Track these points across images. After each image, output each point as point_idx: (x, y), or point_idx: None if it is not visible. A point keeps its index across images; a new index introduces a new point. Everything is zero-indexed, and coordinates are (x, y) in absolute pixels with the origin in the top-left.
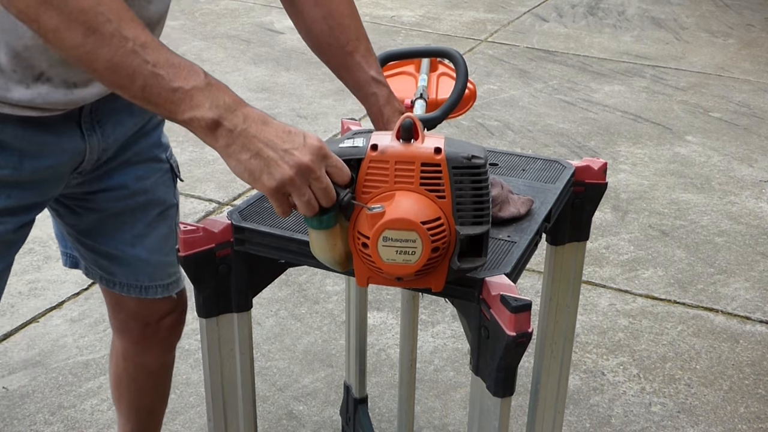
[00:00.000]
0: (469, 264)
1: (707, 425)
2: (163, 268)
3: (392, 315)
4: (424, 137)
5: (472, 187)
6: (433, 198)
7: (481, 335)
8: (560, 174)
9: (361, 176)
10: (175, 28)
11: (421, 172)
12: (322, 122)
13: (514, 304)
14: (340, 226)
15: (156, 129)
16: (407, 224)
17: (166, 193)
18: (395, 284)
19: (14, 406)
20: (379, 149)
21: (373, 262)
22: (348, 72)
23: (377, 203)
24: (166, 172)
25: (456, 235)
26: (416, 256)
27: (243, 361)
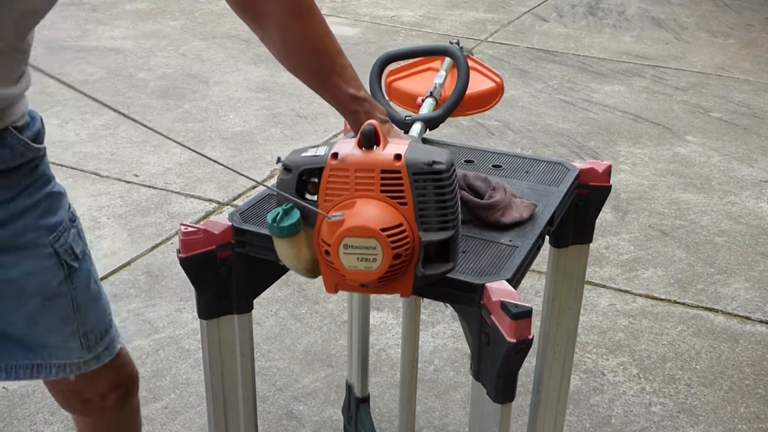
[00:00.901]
0: (434, 270)
1: (707, 425)
2: (57, 350)
3: (392, 315)
4: (387, 144)
5: (435, 192)
6: (395, 204)
7: (482, 341)
8: (564, 176)
9: (323, 185)
10: (175, 28)
11: (381, 179)
12: (322, 122)
13: (515, 311)
14: (305, 234)
15: (30, 210)
16: (366, 231)
17: (44, 282)
18: (361, 290)
19: (14, 406)
20: (339, 157)
21: (336, 269)
22: (327, 94)
23: (339, 211)
24: (47, 258)
25: (419, 241)
26: (377, 263)
27: (243, 362)
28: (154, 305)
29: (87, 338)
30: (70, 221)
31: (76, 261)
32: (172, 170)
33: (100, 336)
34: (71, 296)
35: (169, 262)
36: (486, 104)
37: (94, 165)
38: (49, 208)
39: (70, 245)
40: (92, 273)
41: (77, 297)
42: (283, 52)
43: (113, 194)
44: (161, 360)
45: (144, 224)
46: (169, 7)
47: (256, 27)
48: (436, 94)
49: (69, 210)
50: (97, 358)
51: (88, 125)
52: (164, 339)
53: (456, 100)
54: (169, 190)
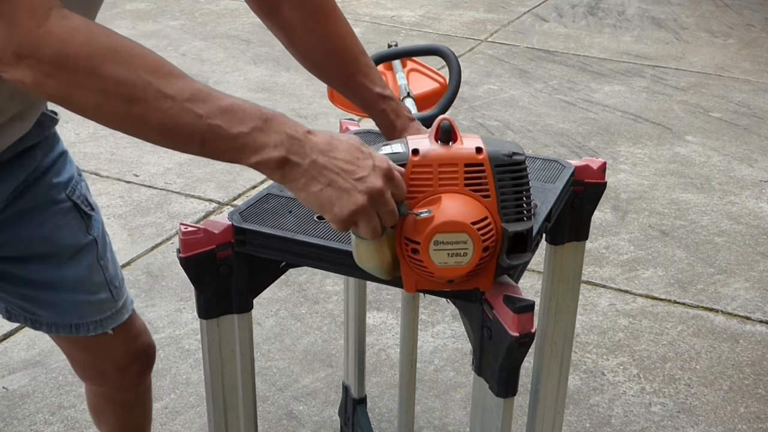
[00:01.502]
0: (517, 260)
1: (707, 425)
2: (91, 305)
3: (392, 315)
4: (462, 138)
5: (514, 183)
6: (479, 198)
7: (484, 336)
8: (560, 173)
9: (405, 181)
10: (175, 28)
11: (465, 173)
12: (322, 122)
13: (518, 305)
14: (386, 234)
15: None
16: (458, 226)
17: (71, 235)
18: (445, 287)
19: (14, 406)
20: (420, 153)
21: (425, 267)
22: (352, 93)
23: (423, 208)
24: (68, 212)
25: (503, 232)
26: (468, 257)
27: (243, 361)
28: (154, 305)
29: (114, 285)
30: (79, 174)
31: (93, 210)
32: (172, 170)
33: (121, 283)
34: (95, 244)
35: (169, 262)
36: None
37: (94, 165)
38: (63, 164)
39: (84, 196)
40: (103, 224)
41: (99, 245)
42: (308, 55)
43: (113, 194)
44: (161, 360)
45: (144, 224)
46: (169, 7)
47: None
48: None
49: (75, 164)
50: (125, 305)
51: (88, 125)
52: (164, 339)
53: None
54: (169, 190)
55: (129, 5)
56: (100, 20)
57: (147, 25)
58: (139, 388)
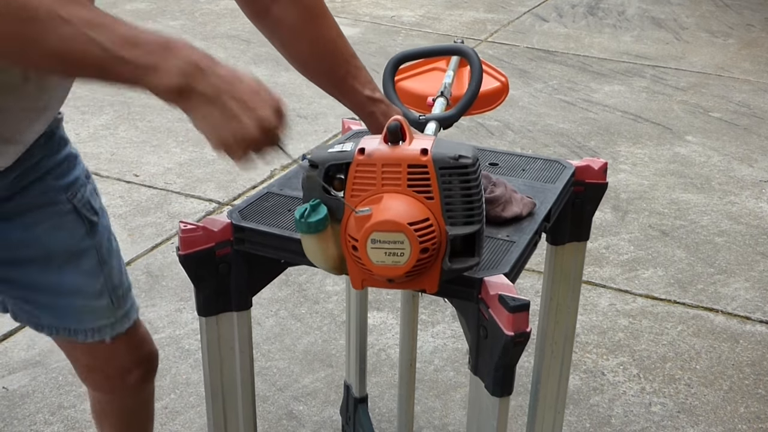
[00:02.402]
0: (460, 264)
1: (707, 425)
2: (90, 312)
3: (392, 315)
4: (413, 139)
5: (462, 187)
6: (422, 199)
7: (480, 335)
8: (560, 174)
9: (349, 180)
10: (175, 28)
11: (408, 174)
12: (322, 122)
13: (513, 304)
14: (332, 230)
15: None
16: (394, 226)
17: (68, 239)
18: (388, 286)
19: (14, 406)
20: (366, 153)
21: (363, 264)
22: (342, 96)
23: (366, 206)
24: (67, 215)
25: (446, 235)
26: (405, 257)
27: (243, 360)
28: (154, 305)
29: (116, 294)
30: (86, 177)
31: (96, 215)
32: (172, 170)
33: (125, 292)
34: (95, 250)
35: (169, 262)
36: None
37: (94, 165)
38: (67, 168)
39: (87, 200)
40: (111, 230)
41: (101, 251)
42: (298, 56)
43: (113, 194)
44: (161, 360)
45: (144, 224)
46: (169, 7)
47: (270, 33)
48: (447, 93)
49: (83, 168)
50: (127, 315)
51: (88, 125)
52: (164, 339)
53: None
54: (169, 190)
55: (129, 5)
56: None
57: (147, 25)
58: (141, 395)
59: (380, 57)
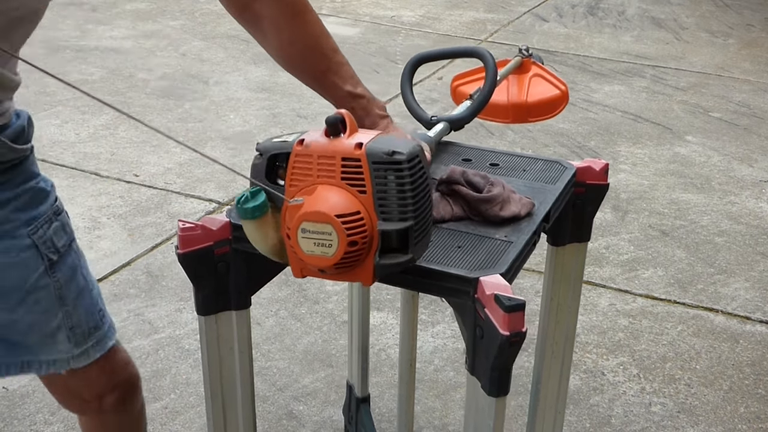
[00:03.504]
0: (390, 260)
1: (707, 425)
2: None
3: (392, 315)
4: (355, 132)
5: (396, 182)
6: (354, 192)
7: (476, 334)
8: (561, 174)
9: (289, 170)
10: (175, 28)
11: (342, 167)
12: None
13: (508, 304)
14: (273, 218)
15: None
16: (322, 217)
17: (22, 275)
18: (321, 276)
19: (14, 406)
20: (304, 143)
21: (295, 252)
22: (323, 91)
23: (301, 196)
24: (25, 250)
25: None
26: (333, 248)
27: (242, 359)
28: (154, 305)
29: (74, 332)
30: (54, 214)
31: (57, 254)
32: (172, 170)
33: (88, 331)
34: (54, 288)
35: (169, 262)
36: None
37: (94, 165)
38: (30, 201)
39: (50, 238)
40: (80, 267)
41: (61, 289)
42: (279, 52)
43: (113, 194)
44: (161, 360)
45: (144, 224)
46: (169, 7)
47: (252, 29)
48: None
49: (54, 204)
50: (85, 353)
51: (88, 125)
52: (164, 339)
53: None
54: (169, 190)
55: (129, 5)
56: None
57: (147, 25)
58: (125, 415)
59: (380, 57)
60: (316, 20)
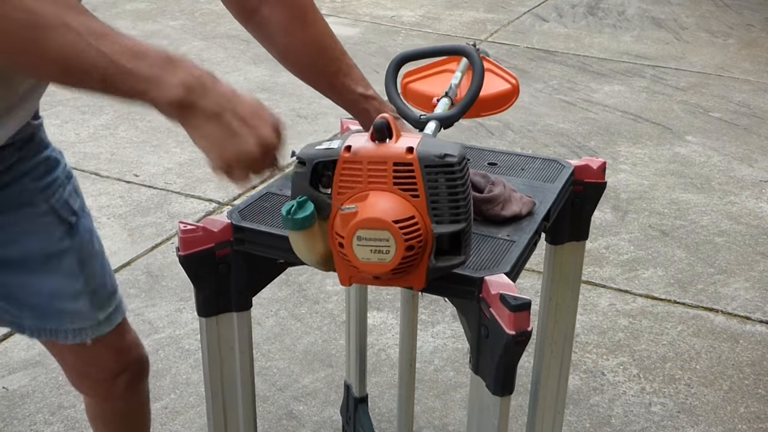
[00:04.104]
0: (446, 262)
1: (707, 425)
2: (69, 314)
3: (392, 315)
4: (400, 136)
5: (447, 185)
6: (407, 197)
7: (481, 334)
8: (559, 173)
9: (336, 177)
10: (176, 28)
11: (393, 172)
12: (322, 122)
13: (514, 303)
14: (320, 227)
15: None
16: (379, 223)
17: (44, 240)
18: (375, 283)
19: (14, 406)
20: (352, 150)
21: (349, 261)
22: (334, 94)
23: (352, 203)
24: (43, 216)
25: (432, 233)
26: (390, 255)
27: (243, 360)
28: (154, 305)
29: (97, 296)
30: (67, 178)
31: (74, 216)
32: (172, 170)
33: (108, 295)
34: (75, 251)
35: (169, 262)
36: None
37: (94, 165)
38: (46, 170)
39: (66, 200)
40: (94, 231)
41: (81, 253)
42: (289, 55)
43: (113, 194)
44: (161, 360)
45: (144, 224)
46: (169, 7)
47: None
48: (452, 94)
49: (66, 168)
50: (109, 318)
51: (88, 125)
52: (164, 339)
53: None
54: (169, 190)
55: (129, 5)
56: None
57: (147, 25)
58: (132, 400)
59: (380, 57)
60: (324, 22)
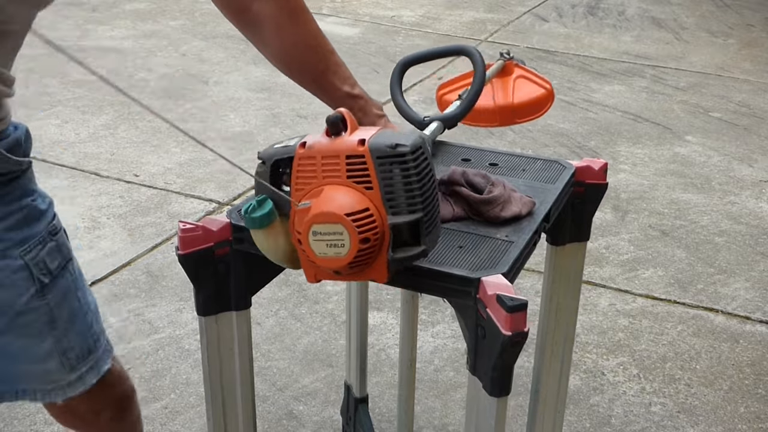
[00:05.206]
0: (404, 253)
1: (707, 425)
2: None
3: (392, 315)
4: (355, 130)
5: (402, 175)
6: (361, 189)
7: (478, 335)
8: (560, 174)
9: (293, 174)
10: (175, 28)
11: (346, 165)
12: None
13: (510, 304)
14: (282, 225)
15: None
16: (332, 217)
17: (13, 296)
18: (336, 278)
19: (14, 406)
20: (306, 146)
21: (308, 257)
22: (321, 92)
23: (308, 199)
24: (18, 271)
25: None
26: (346, 248)
27: (242, 359)
28: (154, 305)
29: (67, 357)
30: (50, 234)
31: (49, 276)
32: (172, 170)
33: (82, 355)
34: (46, 311)
35: (169, 262)
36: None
37: (94, 165)
38: (25, 220)
39: (43, 260)
40: (75, 288)
41: (53, 312)
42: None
43: (113, 194)
44: (161, 360)
45: (144, 224)
46: (169, 7)
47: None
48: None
49: (51, 223)
50: (81, 378)
51: (88, 125)
52: (164, 339)
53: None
54: (169, 190)
55: (129, 5)
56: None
57: (147, 25)
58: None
59: (380, 57)
60: (314, 20)
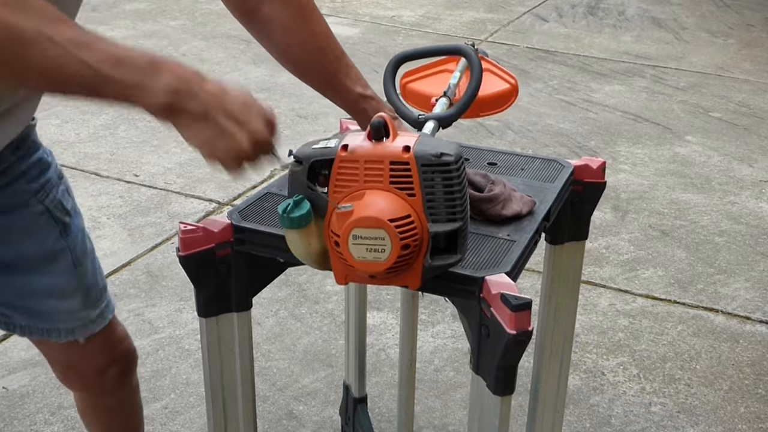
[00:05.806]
0: (441, 261)
1: (707, 425)
2: (63, 312)
3: (392, 315)
4: (397, 136)
5: (444, 184)
6: (403, 196)
7: (482, 334)
8: (559, 173)
9: (332, 176)
10: (176, 28)
11: (390, 171)
12: (322, 122)
13: (515, 303)
14: (316, 225)
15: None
16: (375, 222)
17: (40, 241)
18: (370, 282)
19: (14, 406)
20: (349, 149)
21: (345, 260)
22: (333, 93)
23: (348, 202)
24: (39, 216)
25: (428, 232)
26: (386, 253)
27: (243, 360)
28: (154, 305)
29: (89, 294)
30: (58, 178)
31: (68, 216)
32: (172, 170)
33: (99, 293)
34: (69, 251)
35: (169, 262)
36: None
37: (94, 165)
38: (39, 171)
39: (59, 200)
40: (85, 230)
41: (75, 252)
42: (289, 55)
43: (113, 194)
44: (161, 360)
45: (144, 224)
46: (169, 7)
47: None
48: (450, 94)
49: (56, 169)
50: (100, 316)
51: (88, 125)
52: (164, 339)
53: (469, 99)
54: (169, 190)
55: (129, 5)
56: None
57: (147, 25)
58: (122, 393)
59: (380, 57)
60: (324, 22)
